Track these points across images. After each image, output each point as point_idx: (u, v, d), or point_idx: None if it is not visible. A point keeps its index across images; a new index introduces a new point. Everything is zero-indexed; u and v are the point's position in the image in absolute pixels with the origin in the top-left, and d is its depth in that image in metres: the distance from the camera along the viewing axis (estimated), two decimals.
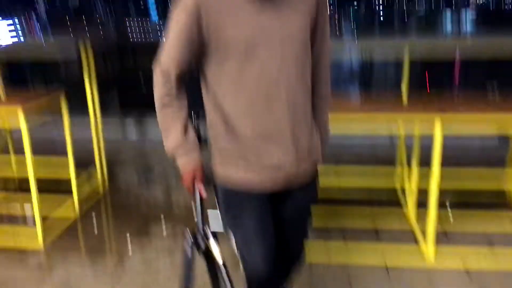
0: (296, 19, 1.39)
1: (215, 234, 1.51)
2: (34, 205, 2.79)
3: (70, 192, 3.23)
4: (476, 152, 3.83)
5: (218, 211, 1.55)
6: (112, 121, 4.11)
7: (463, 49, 3.24)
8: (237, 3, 1.33)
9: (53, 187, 3.31)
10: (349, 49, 3.60)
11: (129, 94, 5.28)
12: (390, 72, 7.00)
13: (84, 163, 3.48)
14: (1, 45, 4.74)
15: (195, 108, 1.50)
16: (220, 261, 1.50)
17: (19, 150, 2.88)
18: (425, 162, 2.50)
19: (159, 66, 1.42)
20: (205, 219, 1.52)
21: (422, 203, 2.66)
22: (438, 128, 2.32)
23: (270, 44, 1.35)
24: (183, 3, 1.34)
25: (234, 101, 1.39)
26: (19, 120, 2.67)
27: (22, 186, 3.39)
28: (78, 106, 4.63)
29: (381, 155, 3.78)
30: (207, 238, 1.50)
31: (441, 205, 2.52)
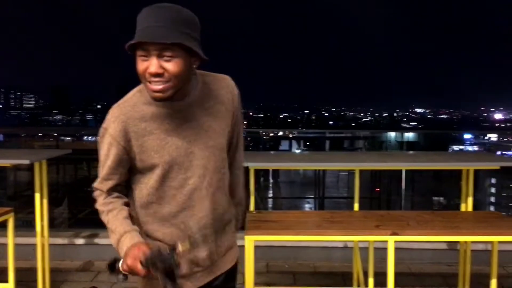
0: (216, 126, 1.43)
1: None
2: None
3: None
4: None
5: None
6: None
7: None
8: (158, 121, 1.36)
9: None
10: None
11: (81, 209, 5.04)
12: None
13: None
14: None
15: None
16: None
17: None
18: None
19: (98, 185, 1.43)
20: None
21: None
22: (391, 249, 2.39)
23: (192, 158, 1.39)
24: (109, 135, 1.37)
25: (151, 208, 1.42)
26: None
27: None
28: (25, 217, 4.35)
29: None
30: None
31: None
